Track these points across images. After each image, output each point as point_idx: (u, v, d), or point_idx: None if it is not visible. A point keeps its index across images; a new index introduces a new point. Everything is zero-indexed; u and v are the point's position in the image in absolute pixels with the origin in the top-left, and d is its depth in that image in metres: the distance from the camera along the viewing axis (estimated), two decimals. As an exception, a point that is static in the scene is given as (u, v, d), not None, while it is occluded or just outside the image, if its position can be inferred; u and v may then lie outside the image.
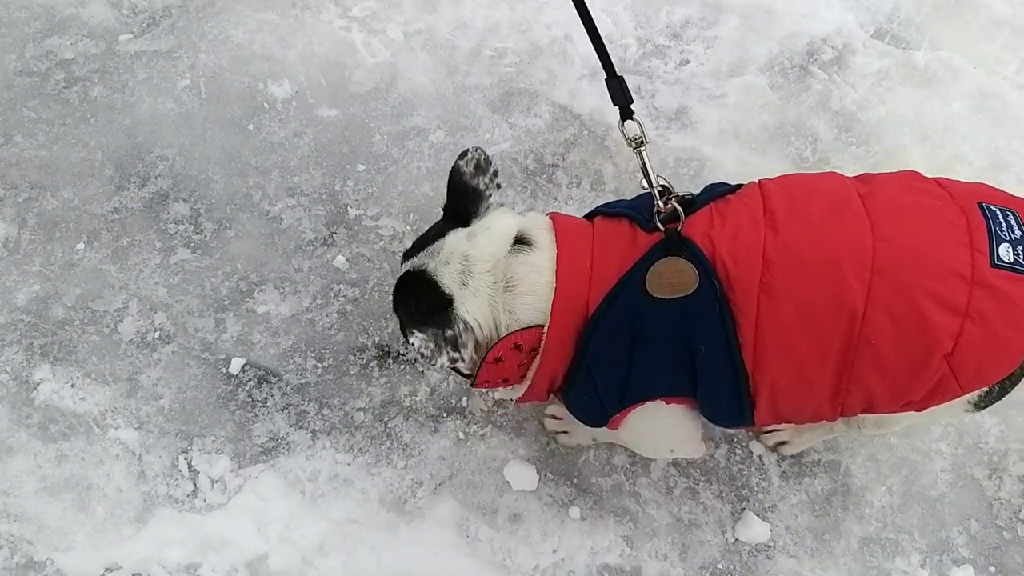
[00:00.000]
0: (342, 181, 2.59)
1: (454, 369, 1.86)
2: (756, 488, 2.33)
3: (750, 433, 2.41)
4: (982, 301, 1.65)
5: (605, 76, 1.98)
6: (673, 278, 1.72)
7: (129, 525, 2.26)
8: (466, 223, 1.88)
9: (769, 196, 1.76)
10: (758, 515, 2.29)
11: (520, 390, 1.92)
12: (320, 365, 2.43)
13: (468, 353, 1.79)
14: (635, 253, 1.76)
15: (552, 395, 1.94)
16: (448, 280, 1.82)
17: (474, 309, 1.80)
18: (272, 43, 2.71)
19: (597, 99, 2.67)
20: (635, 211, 1.81)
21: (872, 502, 2.32)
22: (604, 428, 2.14)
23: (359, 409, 2.39)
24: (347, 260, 2.50)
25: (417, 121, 2.66)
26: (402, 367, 2.43)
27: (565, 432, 2.37)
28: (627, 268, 1.76)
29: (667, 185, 1.84)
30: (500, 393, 2.01)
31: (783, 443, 2.39)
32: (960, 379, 1.69)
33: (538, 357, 1.82)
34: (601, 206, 1.91)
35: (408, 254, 1.92)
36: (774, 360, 1.72)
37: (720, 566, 2.26)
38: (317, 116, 2.65)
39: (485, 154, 1.87)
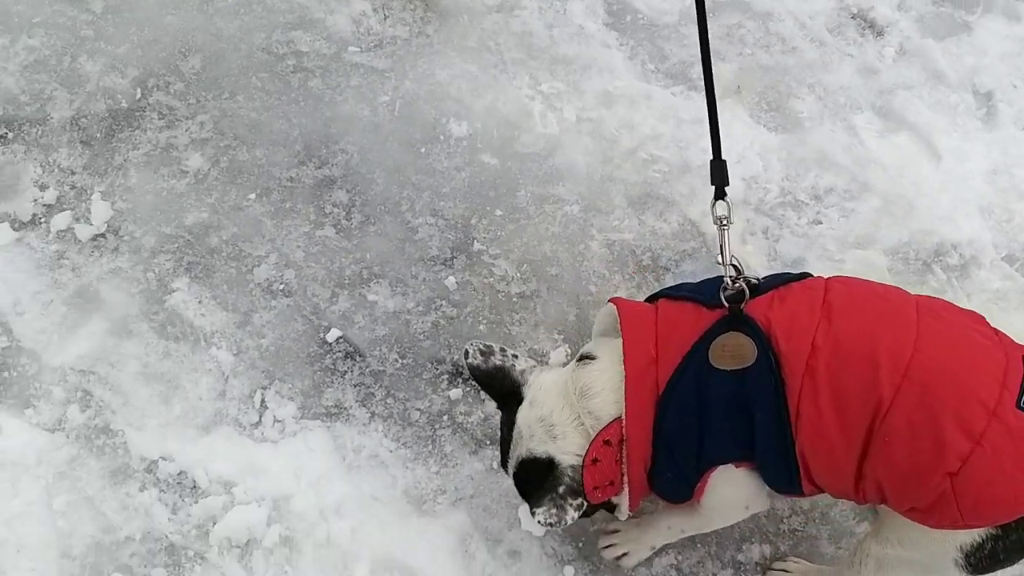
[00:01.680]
0: (478, 218, 2.89)
1: (585, 514, 2.03)
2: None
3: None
4: (998, 434, 1.70)
5: (711, 158, 2.10)
6: (734, 351, 1.87)
7: (195, 429, 2.54)
8: (519, 399, 2.09)
9: (831, 290, 1.90)
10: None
11: (626, 497, 2.05)
12: (400, 360, 2.68)
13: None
14: (698, 330, 1.91)
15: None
16: (539, 447, 2.01)
17: (572, 446, 2.00)
18: (466, 90, 3.09)
19: (724, 225, 2.88)
20: (699, 294, 1.98)
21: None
22: (665, 528, 2.27)
23: (418, 409, 2.62)
24: (457, 283, 2.78)
25: (560, 191, 2.94)
26: (468, 389, 2.65)
27: (625, 554, 2.39)
28: (691, 345, 1.90)
29: (739, 266, 1.97)
30: (618, 510, 2.12)
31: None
32: (960, 503, 1.73)
33: (626, 445, 1.96)
34: (666, 288, 2.09)
35: (503, 464, 2.15)
36: (807, 439, 1.84)
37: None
38: (479, 159, 2.99)
39: (481, 342, 2.14)
